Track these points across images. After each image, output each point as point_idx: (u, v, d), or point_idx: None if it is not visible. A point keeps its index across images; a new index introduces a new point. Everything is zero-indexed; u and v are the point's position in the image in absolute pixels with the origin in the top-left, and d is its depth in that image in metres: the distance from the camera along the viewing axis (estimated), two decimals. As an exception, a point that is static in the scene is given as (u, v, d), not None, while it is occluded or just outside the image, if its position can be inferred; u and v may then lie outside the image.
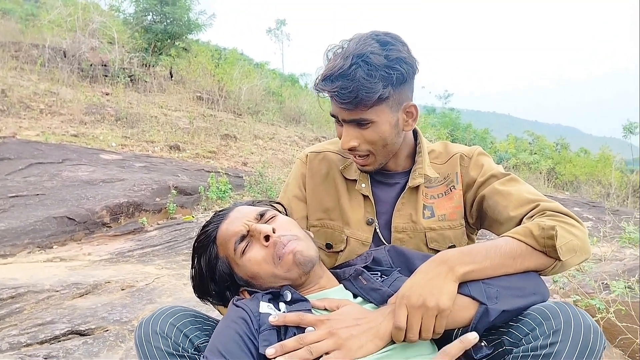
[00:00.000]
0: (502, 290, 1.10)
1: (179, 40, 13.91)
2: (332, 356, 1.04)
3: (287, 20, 20.05)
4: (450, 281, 1.09)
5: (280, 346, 1.05)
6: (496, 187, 1.39)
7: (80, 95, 10.03)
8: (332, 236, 1.53)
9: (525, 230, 1.17)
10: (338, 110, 1.34)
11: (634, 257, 3.87)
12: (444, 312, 1.06)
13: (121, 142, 8.67)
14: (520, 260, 1.14)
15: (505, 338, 1.08)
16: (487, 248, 1.15)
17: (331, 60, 1.32)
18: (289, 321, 1.10)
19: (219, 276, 1.30)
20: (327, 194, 1.55)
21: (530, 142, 19.50)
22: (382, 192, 1.51)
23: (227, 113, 13.12)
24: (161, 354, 1.16)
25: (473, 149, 1.53)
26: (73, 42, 11.91)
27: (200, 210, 6.10)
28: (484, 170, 1.45)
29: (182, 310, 1.26)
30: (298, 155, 1.66)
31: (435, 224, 1.46)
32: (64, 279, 3.42)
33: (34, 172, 5.92)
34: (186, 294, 3.30)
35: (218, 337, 1.11)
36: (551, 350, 0.98)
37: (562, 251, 1.14)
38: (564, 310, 1.03)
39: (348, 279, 1.29)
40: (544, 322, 1.02)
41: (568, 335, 0.98)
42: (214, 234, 1.32)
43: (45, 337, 2.56)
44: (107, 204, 5.17)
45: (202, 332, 1.23)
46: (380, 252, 1.37)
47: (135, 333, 1.21)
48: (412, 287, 1.10)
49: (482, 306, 1.07)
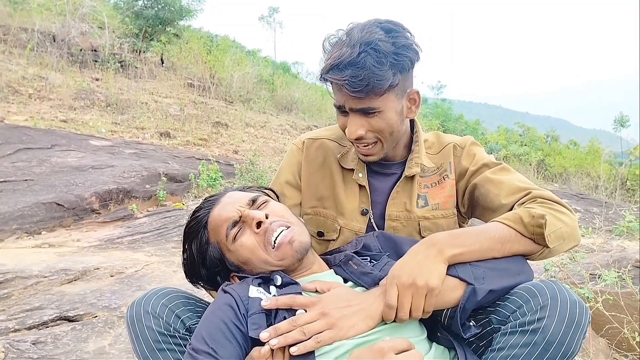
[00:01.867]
0: (489, 271, 1.13)
1: (170, 26, 13.74)
2: (324, 335, 1.05)
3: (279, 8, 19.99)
4: (439, 262, 1.11)
5: (273, 329, 1.06)
6: (488, 176, 1.40)
7: (69, 80, 9.91)
8: (324, 224, 1.53)
9: (515, 217, 1.19)
10: (345, 99, 1.32)
11: (620, 249, 3.90)
12: (434, 291, 1.08)
13: (111, 128, 8.60)
14: (509, 246, 1.17)
15: (493, 317, 1.11)
16: (476, 232, 1.18)
17: (335, 49, 1.29)
18: (281, 304, 1.11)
19: (210, 261, 1.30)
20: (322, 182, 1.55)
21: (520, 134, 19.56)
22: (378, 182, 1.52)
23: (219, 100, 13.04)
24: (152, 333, 1.16)
25: (465, 139, 1.55)
26: (63, 27, 11.71)
27: (191, 197, 6.07)
28: (476, 159, 1.47)
29: (175, 291, 1.26)
30: (294, 141, 1.65)
31: (429, 213, 1.47)
32: (52, 265, 3.39)
33: (22, 157, 5.85)
34: (176, 281, 3.29)
35: (204, 324, 1.11)
36: (539, 325, 1.01)
37: (550, 238, 1.17)
38: (549, 287, 1.06)
39: (338, 264, 1.30)
40: (530, 299, 1.05)
41: (555, 310, 1.01)
42: (205, 219, 1.31)
43: (33, 322, 2.55)
44: (96, 191, 5.13)
45: (194, 313, 1.23)
46: (370, 238, 1.39)
47: (127, 313, 1.20)
48: (402, 267, 1.12)
49: (469, 286, 1.10)
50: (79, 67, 11.39)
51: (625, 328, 2.39)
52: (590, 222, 5.70)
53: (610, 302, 2.45)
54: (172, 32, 13.94)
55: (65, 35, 11.50)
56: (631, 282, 2.47)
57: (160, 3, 13.03)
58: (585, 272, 2.67)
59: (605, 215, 5.89)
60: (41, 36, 11.18)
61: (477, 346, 1.16)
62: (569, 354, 1.01)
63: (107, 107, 9.58)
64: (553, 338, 0.99)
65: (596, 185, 11.69)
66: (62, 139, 6.89)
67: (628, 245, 4.20)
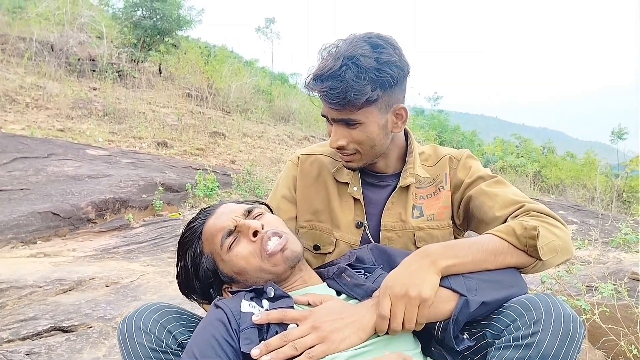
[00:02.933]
0: (482, 283, 1.12)
1: (168, 37, 13.79)
2: (316, 349, 1.05)
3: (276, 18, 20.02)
4: (432, 273, 1.11)
5: (264, 345, 1.05)
6: (483, 188, 1.42)
7: (67, 89, 9.92)
8: (320, 238, 1.54)
9: (508, 229, 1.20)
10: (327, 109, 1.36)
11: (616, 261, 3.91)
12: (426, 302, 1.08)
13: (108, 137, 8.59)
14: (502, 257, 1.17)
15: (487, 330, 1.10)
16: (469, 244, 1.18)
17: (323, 60, 1.34)
18: (272, 318, 1.11)
19: (203, 273, 1.29)
20: (317, 196, 1.56)
21: (517, 145, 19.64)
22: (373, 194, 1.53)
23: (216, 110, 13.06)
24: (144, 350, 1.15)
25: (462, 151, 1.57)
26: (61, 36, 11.73)
27: (187, 207, 6.06)
28: (471, 171, 1.49)
29: (166, 307, 1.25)
30: (289, 157, 1.67)
31: (424, 224, 1.48)
32: (47, 275, 3.37)
33: (18, 166, 5.84)
34: (171, 291, 3.28)
35: (195, 340, 1.11)
36: (533, 340, 1.00)
37: (543, 251, 1.17)
38: (543, 300, 1.05)
39: (331, 277, 1.30)
40: (524, 313, 1.04)
41: (549, 324, 1.01)
42: (199, 230, 1.31)
43: (27, 333, 2.53)
44: (92, 200, 5.12)
45: (186, 328, 1.23)
46: (363, 250, 1.39)
47: (119, 329, 1.20)
48: (395, 278, 1.12)
49: (462, 298, 1.09)
50: (77, 76, 11.40)
51: (622, 340, 2.39)
52: (586, 234, 5.71)
53: (607, 315, 2.44)
54: (170, 42, 13.99)
55: (64, 45, 11.52)
56: (627, 295, 2.47)
57: (159, 13, 13.09)
58: (582, 284, 2.67)
59: (601, 227, 5.90)
60: (39, 45, 11.20)
61: None
62: None
63: (105, 117, 9.58)
64: (547, 352, 0.99)
65: (592, 197, 11.73)
66: (58, 148, 6.88)
67: (624, 257, 4.22)
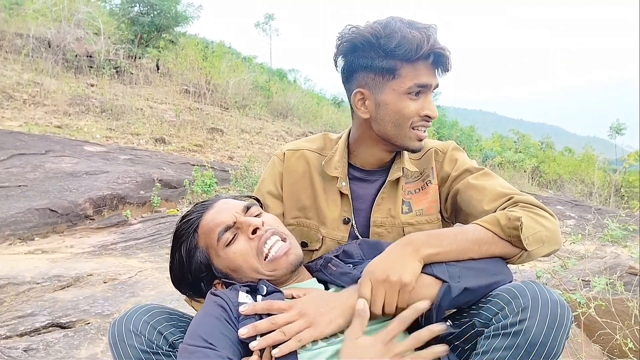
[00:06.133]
0: (465, 270, 1.13)
1: (166, 33, 13.75)
2: (304, 334, 1.07)
3: (275, 15, 19.97)
4: (414, 260, 1.12)
5: (252, 327, 1.07)
6: (470, 182, 1.41)
7: (64, 86, 9.90)
8: (307, 235, 1.54)
9: (493, 219, 1.20)
10: (431, 76, 1.36)
11: (614, 255, 3.92)
12: (407, 287, 1.09)
13: (106, 134, 8.58)
14: (486, 247, 1.17)
15: (476, 319, 1.11)
16: (454, 233, 1.19)
17: (397, 34, 1.29)
18: (260, 309, 1.12)
19: (196, 266, 1.29)
20: (303, 192, 1.55)
21: (515, 141, 19.65)
22: (360, 189, 1.52)
23: (214, 107, 13.04)
24: (135, 351, 1.15)
25: (447, 144, 1.56)
26: (58, 32, 11.71)
27: (185, 203, 6.06)
28: (457, 164, 1.48)
29: (156, 307, 1.25)
30: (275, 152, 1.65)
31: (413, 219, 1.48)
32: (45, 271, 3.37)
33: (16, 163, 5.83)
34: (169, 287, 3.28)
35: (199, 324, 1.11)
36: (521, 327, 1.01)
37: (528, 241, 1.17)
38: (530, 288, 1.06)
39: (318, 269, 1.31)
40: (512, 300, 1.05)
41: (536, 311, 1.01)
42: (196, 223, 1.31)
43: (25, 329, 2.53)
44: (90, 197, 5.12)
45: (176, 328, 1.23)
46: (352, 245, 1.39)
47: (109, 332, 1.20)
48: (377, 264, 1.14)
49: (444, 284, 1.10)
50: (74, 72, 11.39)
51: (618, 334, 2.40)
52: (584, 228, 5.71)
53: (603, 308, 2.45)
54: (167, 39, 13.96)
55: (61, 41, 11.50)
56: (622, 289, 2.48)
57: (156, 9, 13.03)
58: (577, 279, 2.67)
59: (599, 222, 5.91)
60: (36, 42, 11.17)
61: (462, 350, 1.16)
62: (553, 355, 1.01)
63: (102, 113, 9.56)
64: (536, 339, 1.00)
65: (590, 192, 11.75)
66: (56, 144, 6.87)
67: (622, 252, 4.22)
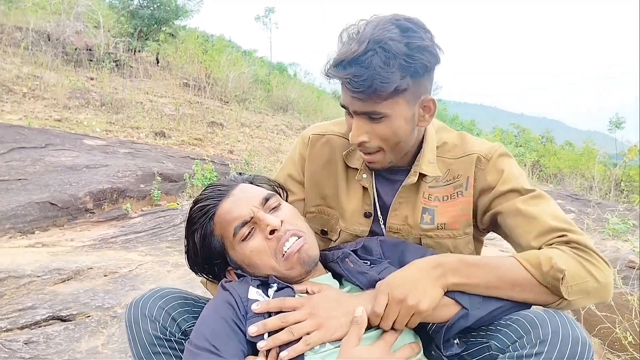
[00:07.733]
0: (487, 299, 1.09)
1: (165, 26, 13.69)
2: (312, 336, 1.06)
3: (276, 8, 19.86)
4: (437, 287, 1.08)
5: (262, 324, 1.07)
6: (518, 207, 1.25)
7: (64, 79, 9.87)
8: (328, 223, 1.49)
9: (535, 261, 1.09)
10: (349, 100, 1.21)
11: (614, 249, 3.92)
12: (421, 314, 1.06)
13: (106, 127, 8.57)
14: (519, 290, 1.09)
15: (492, 342, 1.06)
16: (490, 266, 1.10)
17: (345, 44, 1.19)
18: (272, 307, 1.11)
19: (210, 253, 1.28)
20: (327, 181, 1.47)
21: (515, 135, 19.62)
22: (383, 187, 1.42)
23: (214, 100, 13.02)
24: (149, 337, 1.18)
25: (493, 148, 1.36)
26: (57, 26, 11.65)
27: (185, 197, 6.06)
28: (504, 177, 1.30)
29: (172, 292, 1.26)
30: (302, 133, 1.55)
31: (432, 232, 1.36)
32: (45, 265, 3.38)
33: (16, 156, 5.82)
34: (170, 281, 3.29)
35: (205, 323, 1.11)
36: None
37: (570, 290, 1.08)
38: (552, 319, 1.00)
39: (335, 260, 1.28)
40: (531, 330, 1.00)
41: (555, 347, 0.96)
42: (212, 211, 1.26)
43: (25, 322, 2.53)
44: (90, 190, 5.11)
45: (190, 314, 1.24)
46: (373, 241, 1.33)
47: (126, 313, 1.22)
48: (399, 278, 1.10)
49: (463, 309, 1.07)
50: (74, 66, 11.34)
51: (618, 328, 2.41)
52: (584, 222, 5.72)
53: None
54: (167, 32, 13.91)
55: (60, 34, 11.45)
56: (621, 283, 2.48)
57: (156, 3, 12.98)
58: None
59: (599, 216, 5.91)
60: (36, 35, 11.13)
61: None
62: None
63: (102, 107, 9.54)
64: None
65: (590, 186, 11.74)
66: (56, 138, 6.85)
67: (622, 246, 4.22)
